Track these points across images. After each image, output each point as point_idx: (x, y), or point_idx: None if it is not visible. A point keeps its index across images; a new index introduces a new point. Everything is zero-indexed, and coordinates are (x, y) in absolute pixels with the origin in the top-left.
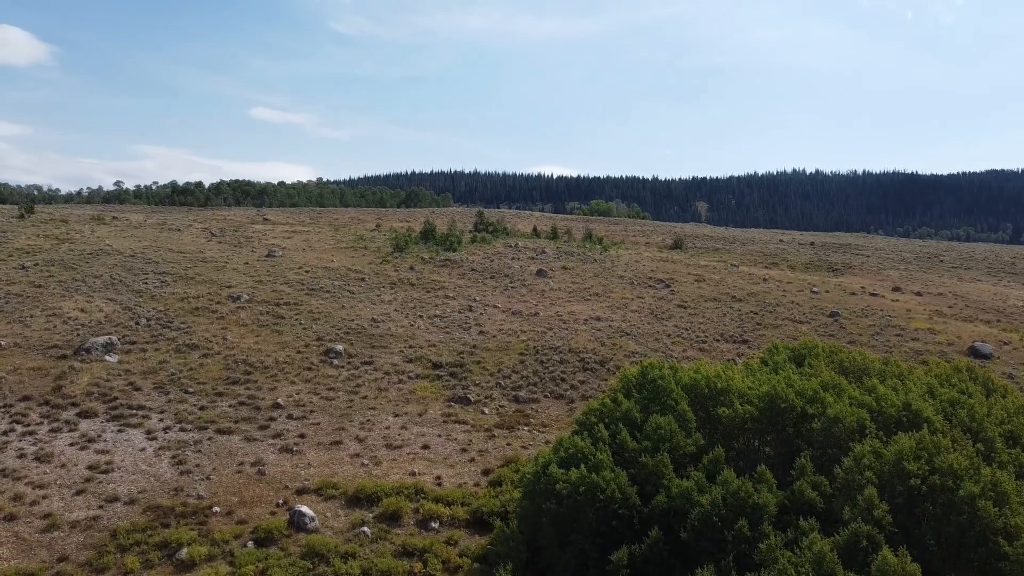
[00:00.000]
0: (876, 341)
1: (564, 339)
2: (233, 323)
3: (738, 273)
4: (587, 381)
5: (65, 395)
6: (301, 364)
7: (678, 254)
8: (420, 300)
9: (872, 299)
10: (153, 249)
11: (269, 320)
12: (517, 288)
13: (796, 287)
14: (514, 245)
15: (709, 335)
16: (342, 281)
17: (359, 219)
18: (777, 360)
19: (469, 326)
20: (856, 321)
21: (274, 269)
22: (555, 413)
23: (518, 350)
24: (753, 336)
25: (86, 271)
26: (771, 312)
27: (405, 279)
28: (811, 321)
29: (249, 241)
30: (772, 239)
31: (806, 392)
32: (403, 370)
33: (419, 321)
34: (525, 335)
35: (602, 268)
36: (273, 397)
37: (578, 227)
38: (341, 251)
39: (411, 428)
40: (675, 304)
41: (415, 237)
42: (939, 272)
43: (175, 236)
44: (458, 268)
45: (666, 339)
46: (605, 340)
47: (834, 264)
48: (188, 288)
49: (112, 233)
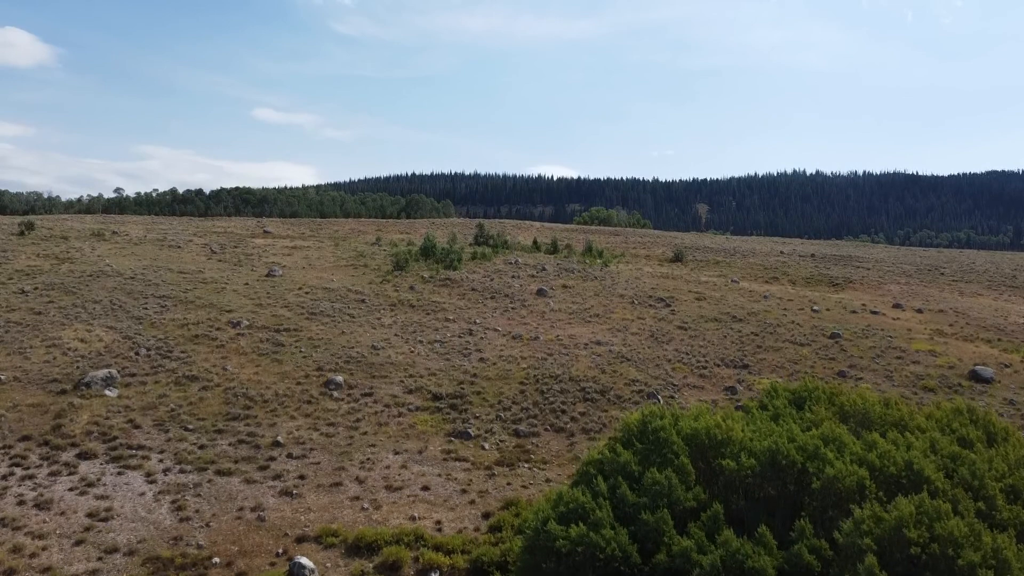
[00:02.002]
0: (877, 364)
1: (564, 366)
2: (233, 351)
3: (739, 290)
4: (587, 413)
5: (65, 435)
6: (301, 397)
7: (679, 268)
8: (420, 323)
9: (873, 317)
10: (153, 269)
11: (269, 348)
12: (517, 309)
13: (797, 304)
14: (514, 262)
15: (710, 359)
16: (342, 303)
17: (359, 230)
18: (777, 405)
19: (469, 352)
20: (857, 342)
21: (274, 290)
22: (555, 448)
23: (518, 378)
24: (754, 360)
25: (86, 295)
26: (772, 333)
27: (405, 300)
28: (812, 343)
29: (249, 259)
30: (773, 250)
31: (807, 447)
32: (403, 402)
33: (419, 347)
34: (525, 362)
35: (603, 286)
36: (273, 434)
37: (578, 239)
38: (341, 269)
39: (411, 467)
40: (675, 325)
41: (415, 253)
42: (940, 286)
43: (175, 254)
44: (458, 287)
45: (666, 364)
46: (605, 367)
47: (835, 278)
48: (188, 313)
49: (112, 251)
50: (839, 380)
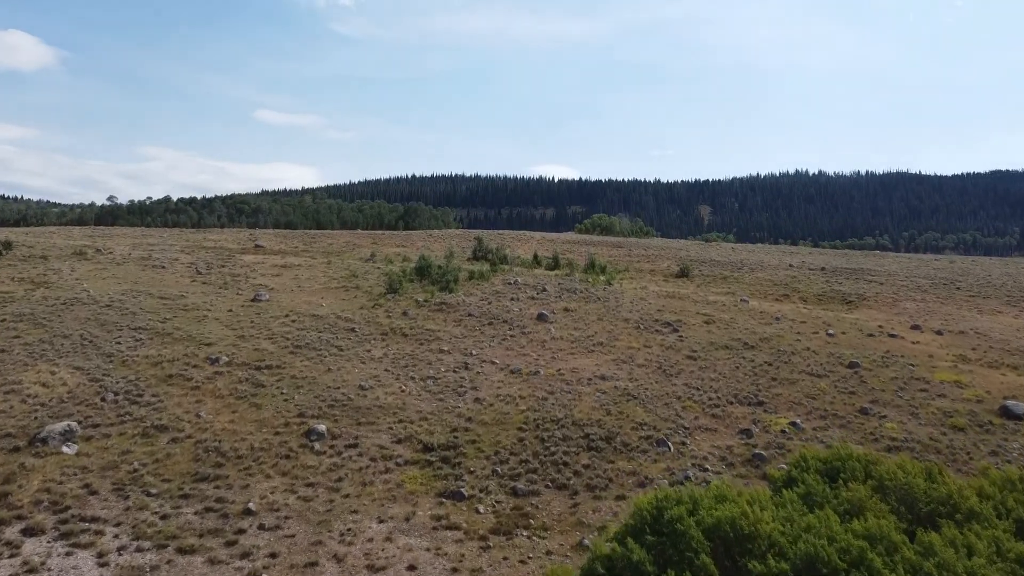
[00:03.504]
0: (901, 399)
1: (566, 406)
2: (209, 393)
3: (749, 310)
4: (591, 465)
5: (11, 505)
6: (279, 451)
7: (685, 285)
8: (413, 356)
9: (891, 341)
10: (133, 294)
11: (248, 389)
12: (516, 337)
13: (810, 327)
14: (513, 282)
15: (722, 395)
16: (330, 333)
17: (354, 243)
18: (808, 482)
19: (464, 390)
20: (877, 372)
21: (259, 318)
22: (557, 509)
23: (517, 423)
24: (769, 396)
25: (56, 328)
26: (786, 363)
27: (398, 328)
28: (829, 374)
29: (236, 281)
30: (781, 263)
31: (851, 550)
32: (391, 454)
33: (410, 384)
34: (524, 402)
35: (606, 308)
36: (245, 499)
37: (580, 251)
38: (332, 292)
39: (397, 539)
40: (684, 354)
41: (410, 272)
42: (957, 303)
43: (158, 275)
44: (454, 312)
45: (676, 403)
46: (611, 406)
47: (847, 295)
48: (164, 348)
49: (92, 273)
50: (861, 418)
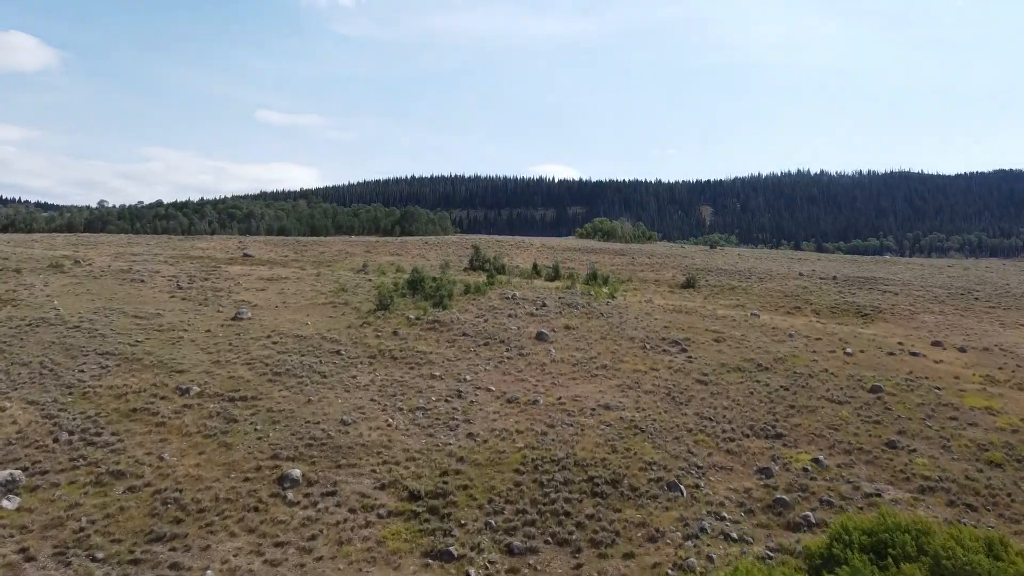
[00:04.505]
0: (930, 430)
1: (568, 442)
2: (175, 431)
3: (760, 326)
4: (596, 515)
5: None
6: (247, 501)
7: (691, 297)
8: (402, 382)
9: (913, 361)
10: (105, 313)
11: (218, 426)
12: (514, 359)
13: (826, 344)
14: (511, 296)
15: (736, 427)
16: (314, 356)
17: (347, 252)
18: (854, 563)
19: (457, 423)
20: (902, 397)
21: (239, 339)
22: (558, 570)
23: (513, 464)
24: (787, 426)
25: (15, 355)
26: (804, 387)
27: (387, 350)
28: (851, 400)
29: (218, 296)
30: (791, 271)
31: None
32: (372, 503)
33: (398, 417)
34: (522, 437)
35: (610, 325)
36: (204, 564)
37: (581, 260)
38: (319, 308)
39: None
40: (694, 378)
41: (402, 286)
42: (977, 315)
43: (136, 290)
44: (448, 331)
45: (687, 437)
46: (617, 441)
47: (862, 307)
48: (131, 376)
49: (66, 288)
50: (889, 452)
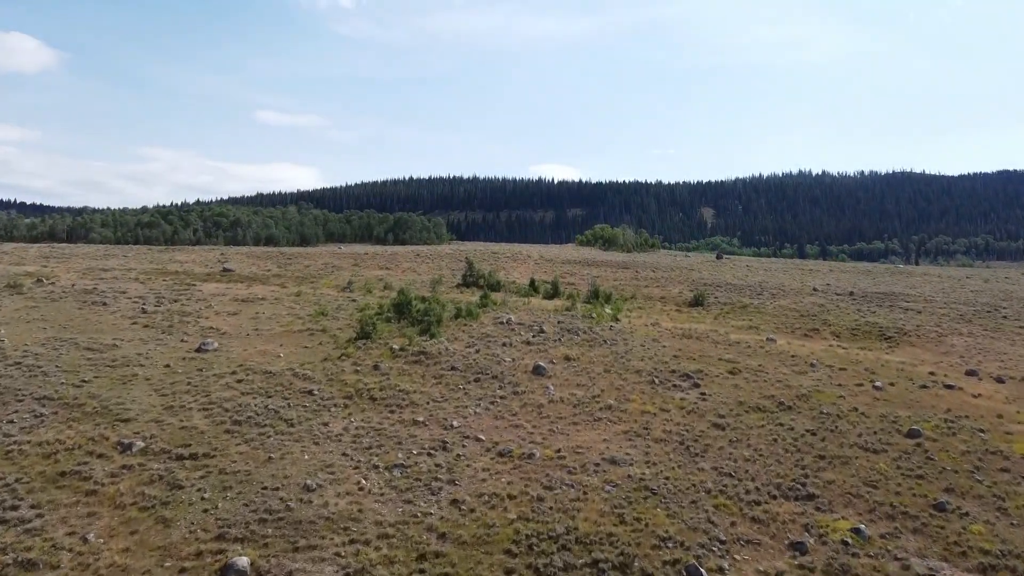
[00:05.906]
0: (981, 486)
1: (569, 511)
2: (107, 502)
3: (778, 353)
4: None
5: None
6: None
7: (701, 317)
8: (379, 430)
9: (949, 395)
10: (55, 344)
11: (159, 494)
12: (508, 399)
13: (852, 376)
14: (506, 321)
15: (762, 486)
16: (282, 399)
17: (334, 265)
18: None
19: (440, 485)
20: (944, 444)
21: (199, 376)
22: None
23: (504, 542)
24: (819, 483)
25: None
26: (833, 431)
27: (365, 389)
28: (887, 447)
29: (184, 322)
30: (804, 286)
31: None
32: None
33: (372, 477)
34: (515, 505)
35: (614, 356)
36: None
37: (582, 274)
38: (293, 336)
39: None
40: (709, 421)
41: (387, 309)
42: (1008, 336)
43: (95, 316)
44: (435, 365)
45: (706, 500)
46: (625, 509)
47: (885, 329)
48: (67, 429)
49: (19, 313)
50: (939, 517)
